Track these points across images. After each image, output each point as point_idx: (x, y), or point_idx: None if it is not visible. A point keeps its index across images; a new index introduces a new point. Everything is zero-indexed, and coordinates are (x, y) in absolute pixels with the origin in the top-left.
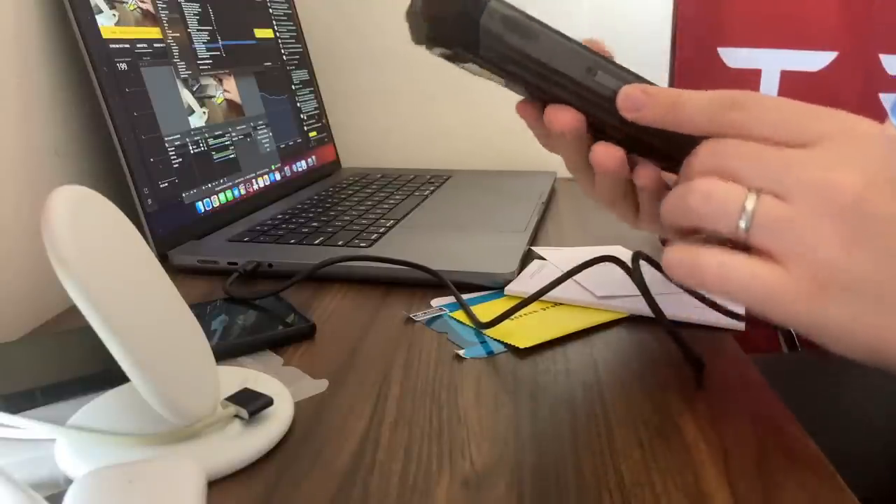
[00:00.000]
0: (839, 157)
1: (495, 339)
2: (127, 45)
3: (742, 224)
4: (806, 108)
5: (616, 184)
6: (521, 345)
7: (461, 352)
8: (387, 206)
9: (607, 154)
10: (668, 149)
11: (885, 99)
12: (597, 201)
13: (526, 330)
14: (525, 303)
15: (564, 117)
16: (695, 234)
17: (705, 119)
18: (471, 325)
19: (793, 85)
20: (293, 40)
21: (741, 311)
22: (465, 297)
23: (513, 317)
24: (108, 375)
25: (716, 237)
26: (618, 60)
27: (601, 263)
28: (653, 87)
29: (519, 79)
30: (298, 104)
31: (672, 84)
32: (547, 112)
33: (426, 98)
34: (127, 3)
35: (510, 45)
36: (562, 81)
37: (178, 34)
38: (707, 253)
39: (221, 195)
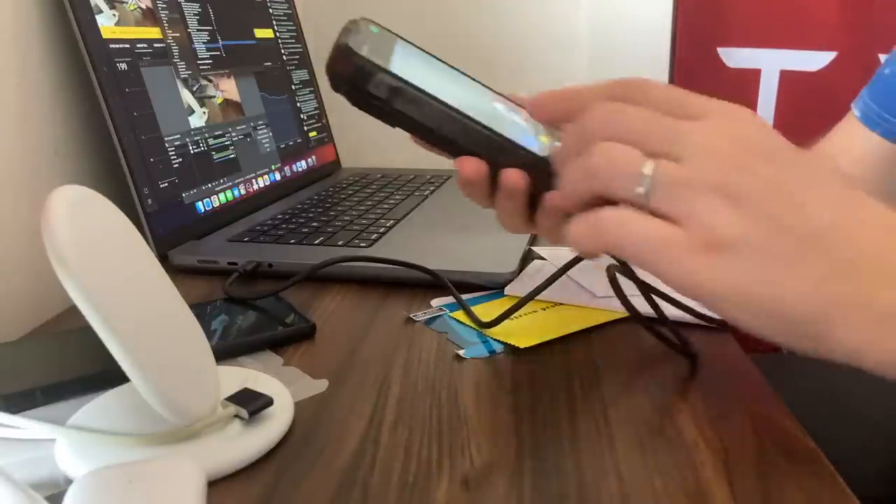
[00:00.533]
0: (722, 130)
1: (495, 339)
2: (127, 45)
3: (641, 189)
4: (691, 93)
5: (518, 209)
6: (521, 345)
7: (461, 352)
8: (387, 206)
9: (517, 175)
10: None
11: None
12: (504, 227)
13: (526, 330)
14: (524, 301)
15: (470, 167)
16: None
17: (605, 98)
18: (471, 324)
19: (792, 85)
20: (293, 40)
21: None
22: (465, 297)
23: (513, 317)
24: (108, 375)
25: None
26: (616, 61)
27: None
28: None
29: (413, 133)
30: (298, 104)
31: (671, 84)
32: (455, 163)
33: None
34: (127, 3)
35: (396, 111)
36: (447, 142)
37: (178, 34)
38: (608, 211)
39: (221, 195)
